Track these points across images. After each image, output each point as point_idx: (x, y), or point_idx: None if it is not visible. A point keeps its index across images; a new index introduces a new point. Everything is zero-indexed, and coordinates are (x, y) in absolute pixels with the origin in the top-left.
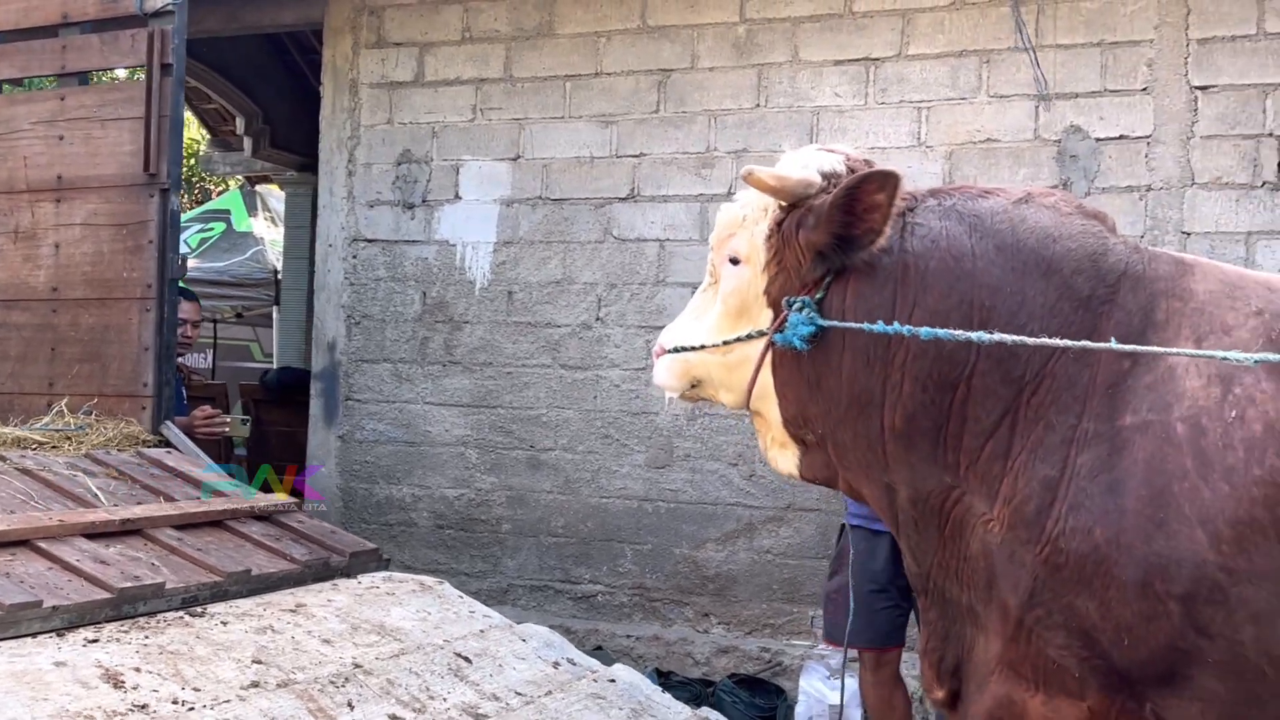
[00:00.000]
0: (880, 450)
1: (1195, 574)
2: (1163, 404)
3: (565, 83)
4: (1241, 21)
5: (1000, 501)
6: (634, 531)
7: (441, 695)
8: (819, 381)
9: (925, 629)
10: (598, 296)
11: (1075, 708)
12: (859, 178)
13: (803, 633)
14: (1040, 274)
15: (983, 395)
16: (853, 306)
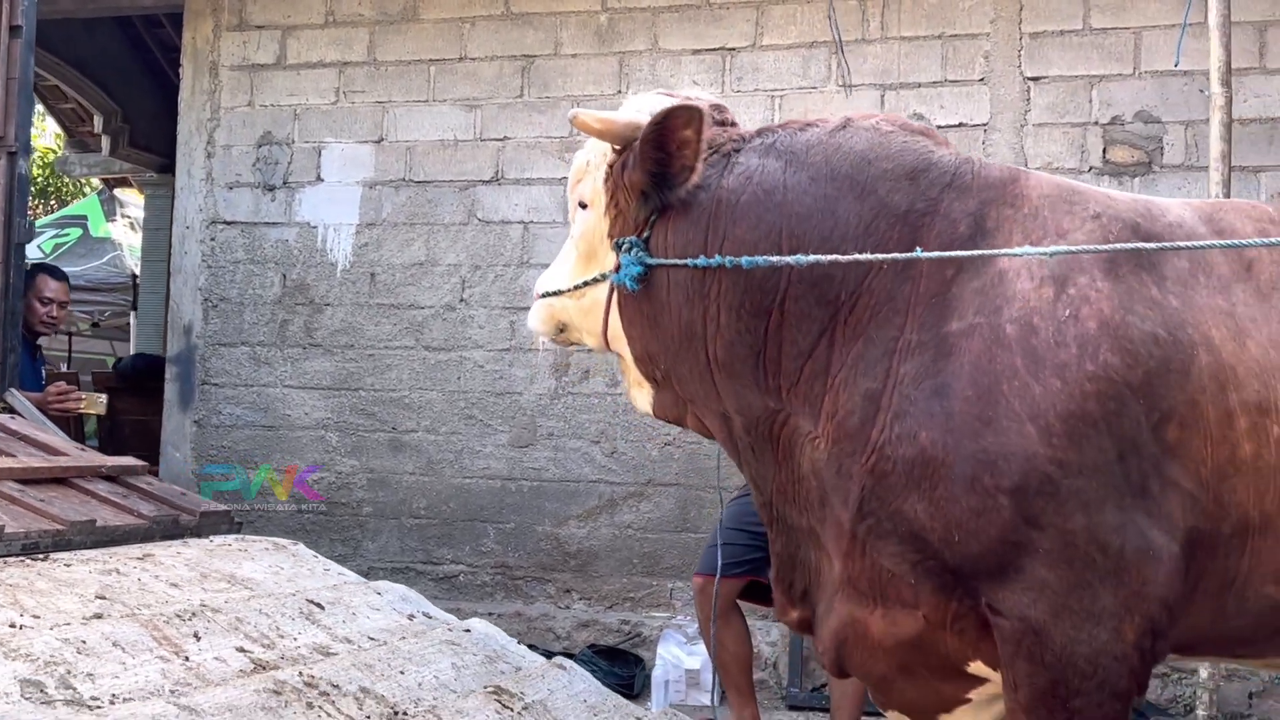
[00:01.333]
0: (710, 381)
1: (1025, 468)
2: (992, 307)
3: (430, 67)
4: (1070, 17)
5: (824, 418)
6: (497, 511)
7: (292, 635)
8: (655, 319)
9: (775, 557)
10: (462, 278)
11: (911, 617)
12: (663, 113)
13: (662, 605)
14: (854, 196)
15: (797, 319)
16: (673, 244)
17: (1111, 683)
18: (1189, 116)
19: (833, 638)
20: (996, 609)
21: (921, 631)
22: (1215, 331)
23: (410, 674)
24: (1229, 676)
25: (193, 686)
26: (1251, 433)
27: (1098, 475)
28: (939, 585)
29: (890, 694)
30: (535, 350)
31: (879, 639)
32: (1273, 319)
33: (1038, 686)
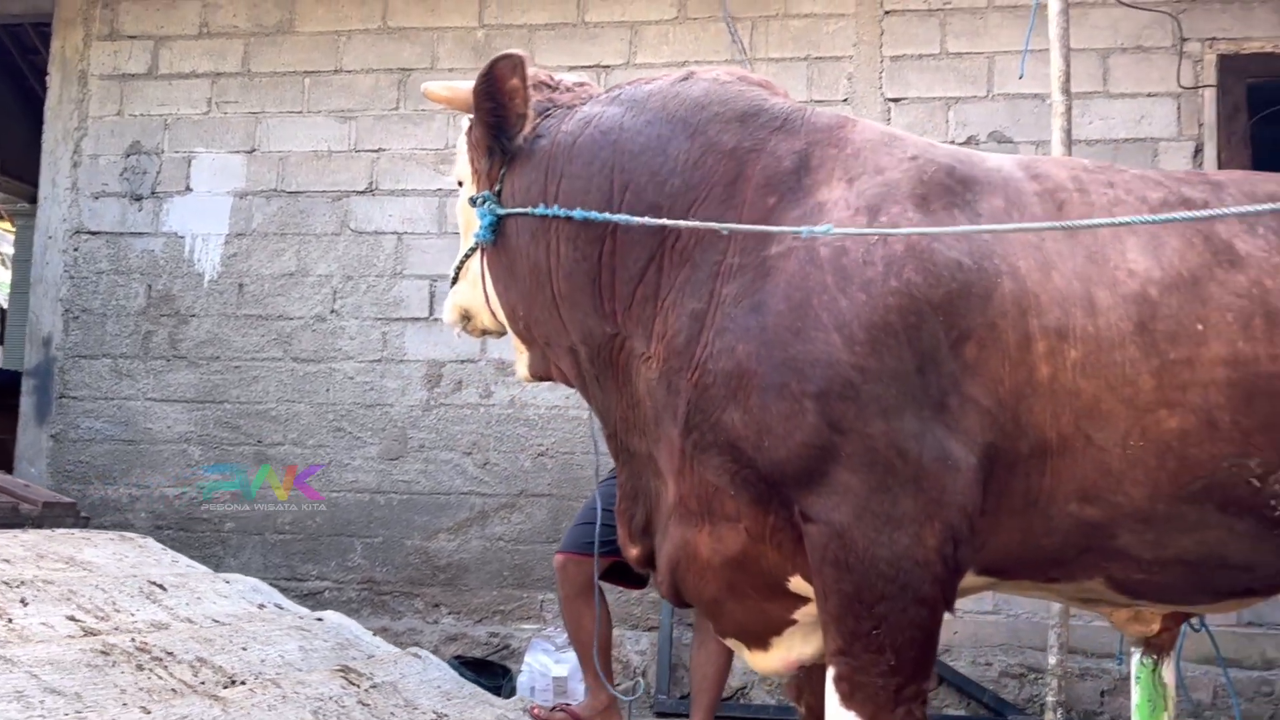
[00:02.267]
0: (558, 316)
1: (829, 373)
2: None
3: (305, 78)
4: (928, 42)
5: (655, 339)
6: (365, 525)
7: (129, 611)
8: (512, 267)
9: (619, 490)
10: (333, 289)
11: (734, 531)
12: (488, 64)
13: (532, 617)
14: (686, 136)
15: (628, 245)
16: (517, 189)
17: (914, 587)
18: (1039, 137)
19: (668, 563)
20: (806, 515)
21: (745, 546)
22: (1022, 262)
23: (253, 651)
24: (1082, 675)
25: (12, 644)
26: (1049, 356)
27: (897, 383)
28: (756, 496)
29: (722, 618)
30: (406, 361)
31: (708, 558)
32: (1078, 254)
33: (844, 592)
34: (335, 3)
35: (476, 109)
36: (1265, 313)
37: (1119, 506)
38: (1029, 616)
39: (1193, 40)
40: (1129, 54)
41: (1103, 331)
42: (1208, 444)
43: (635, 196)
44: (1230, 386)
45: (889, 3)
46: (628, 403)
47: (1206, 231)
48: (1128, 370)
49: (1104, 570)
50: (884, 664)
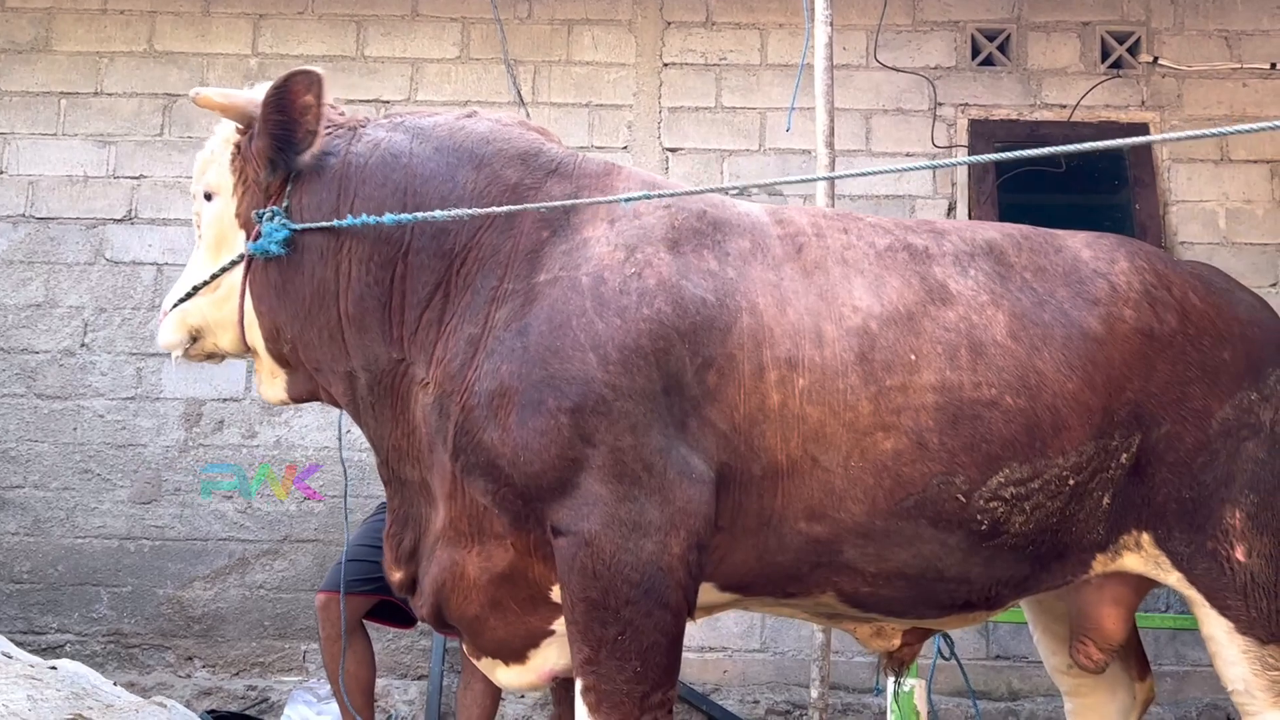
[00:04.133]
0: (340, 339)
1: (584, 390)
2: (574, 264)
3: (60, 100)
4: (704, 95)
5: (434, 364)
6: (112, 573)
7: None
8: (285, 286)
9: (389, 515)
10: (84, 321)
11: (502, 548)
12: (283, 78)
13: (294, 669)
14: (473, 166)
15: (418, 269)
16: (307, 205)
17: (660, 592)
18: (806, 190)
19: (432, 584)
20: (556, 528)
21: (512, 561)
22: (761, 299)
23: None
24: (844, 710)
25: None
26: (780, 384)
27: (646, 401)
28: (517, 513)
29: (483, 636)
30: (163, 399)
31: (474, 577)
32: (811, 292)
33: (591, 599)
34: (97, 23)
35: (264, 120)
36: (970, 344)
37: (842, 523)
38: (794, 654)
39: (946, 105)
40: (889, 115)
41: (828, 362)
42: (919, 463)
43: (426, 220)
44: (938, 410)
45: (668, 55)
46: (403, 430)
47: (924, 273)
48: (849, 397)
49: (834, 585)
50: (630, 670)
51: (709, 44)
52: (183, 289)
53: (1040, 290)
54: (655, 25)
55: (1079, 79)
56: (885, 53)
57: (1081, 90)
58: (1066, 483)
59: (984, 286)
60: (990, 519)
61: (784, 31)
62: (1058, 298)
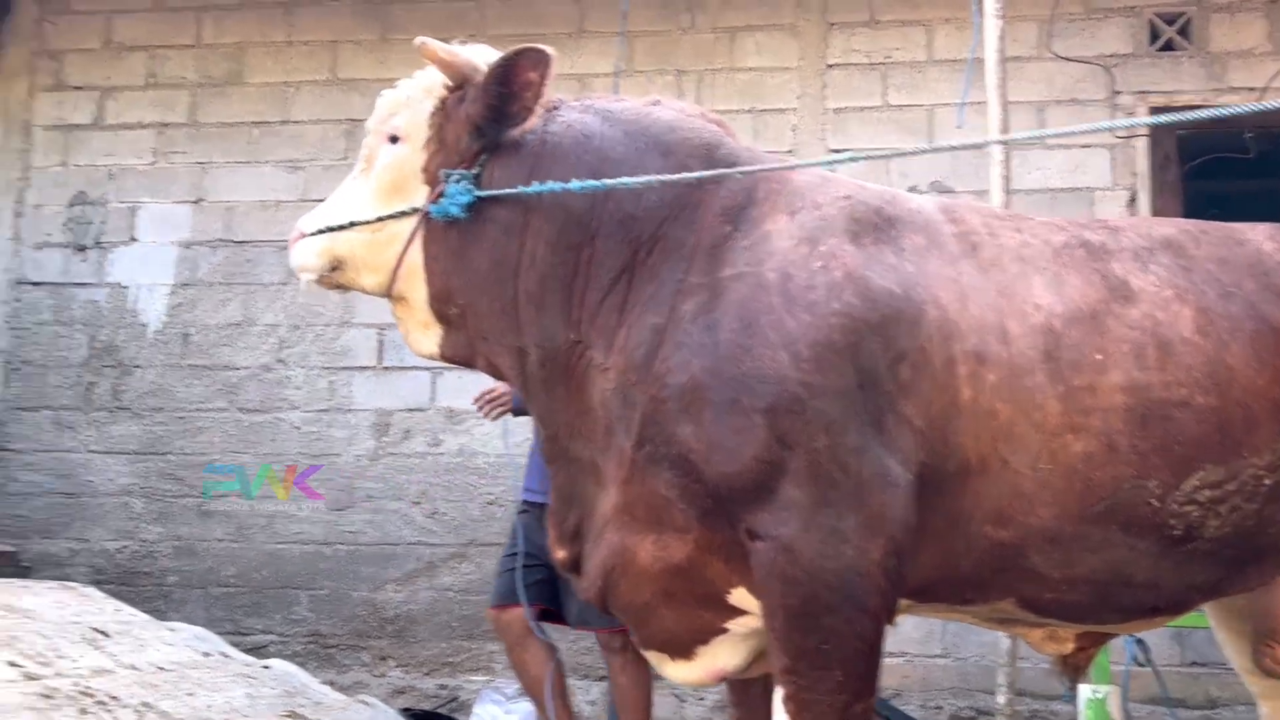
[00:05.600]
0: (514, 315)
1: (778, 389)
2: (757, 259)
3: (253, 129)
4: (869, 95)
5: (616, 350)
6: (311, 577)
7: (71, 657)
8: (464, 253)
9: (553, 493)
10: (280, 338)
11: (682, 541)
12: (515, 52)
13: (482, 669)
14: (659, 154)
15: (604, 255)
16: (499, 180)
17: (860, 600)
18: (978, 186)
19: (600, 568)
20: (752, 531)
21: (690, 556)
22: (942, 294)
23: (200, 697)
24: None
25: None
26: (971, 379)
27: (840, 400)
28: (705, 510)
29: (651, 627)
30: (354, 410)
31: (647, 565)
32: (990, 289)
33: (790, 606)
34: (283, 55)
35: (484, 88)
36: (1157, 342)
37: (1030, 527)
38: (977, 659)
39: (1125, 93)
40: (1064, 106)
41: (1015, 359)
42: (1109, 466)
43: (616, 204)
44: (1128, 412)
45: (831, 57)
46: (576, 410)
47: (1103, 270)
48: (1037, 396)
49: (1015, 591)
50: (831, 680)
51: (873, 43)
52: (335, 218)
53: (1226, 281)
54: (818, 27)
55: (1267, 60)
56: (1058, 42)
57: (1270, 72)
58: (1262, 483)
59: (1167, 281)
60: (1184, 523)
61: (950, 26)
62: (1245, 290)
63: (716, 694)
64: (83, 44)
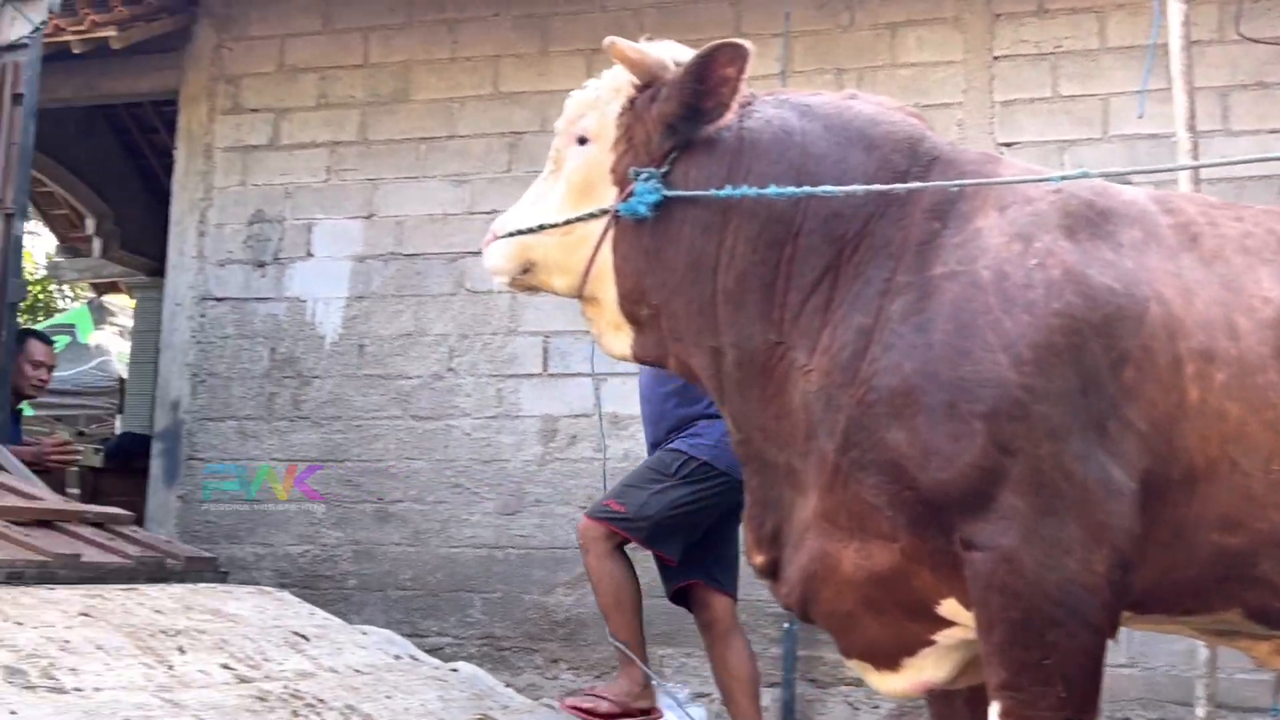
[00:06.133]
0: (711, 314)
1: (998, 393)
2: (969, 258)
3: (420, 144)
4: (1039, 86)
5: (819, 352)
6: (484, 580)
7: (277, 660)
8: (658, 252)
9: (748, 496)
10: (449, 347)
11: (888, 550)
12: (712, 48)
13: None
14: (863, 148)
15: (807, 253)
16: (694, 179)
17: (1084, 613)
18: (1157, 178)
19: (801, 574)
20: (969, 542)
21: (895, 565)
22: (1164, 289)
23: (397, 700)
24: None
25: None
26: (1198, 378)
27: (1063, 404)
28: (915, 518)
29: (853, 635)
30: (522, 417)
31: (850, 573)
32: (1214, 283)
33: (1012, 619)
34: (447, 71)
35: (678, 86)
36: None
37: (1260, 533)
38: (1167, 669)
39: None
40: (1249, 90)
41: (1244, 355)
42: None
43: (821, 201)
44: None
45: (998, 48)
46: (773, 413)
47: None
48: (1270, 394)
49: (1242, 600)
50: (1053, 696)
51: (1042, 32)
52: (525, 221)
53: None
54: (983, 19)
55: None
56: (1244, 23)
57: None
58: None
59: None
60: None
61: (1123, 13)
62: None
63: (891, 702)
64: (258, 68)
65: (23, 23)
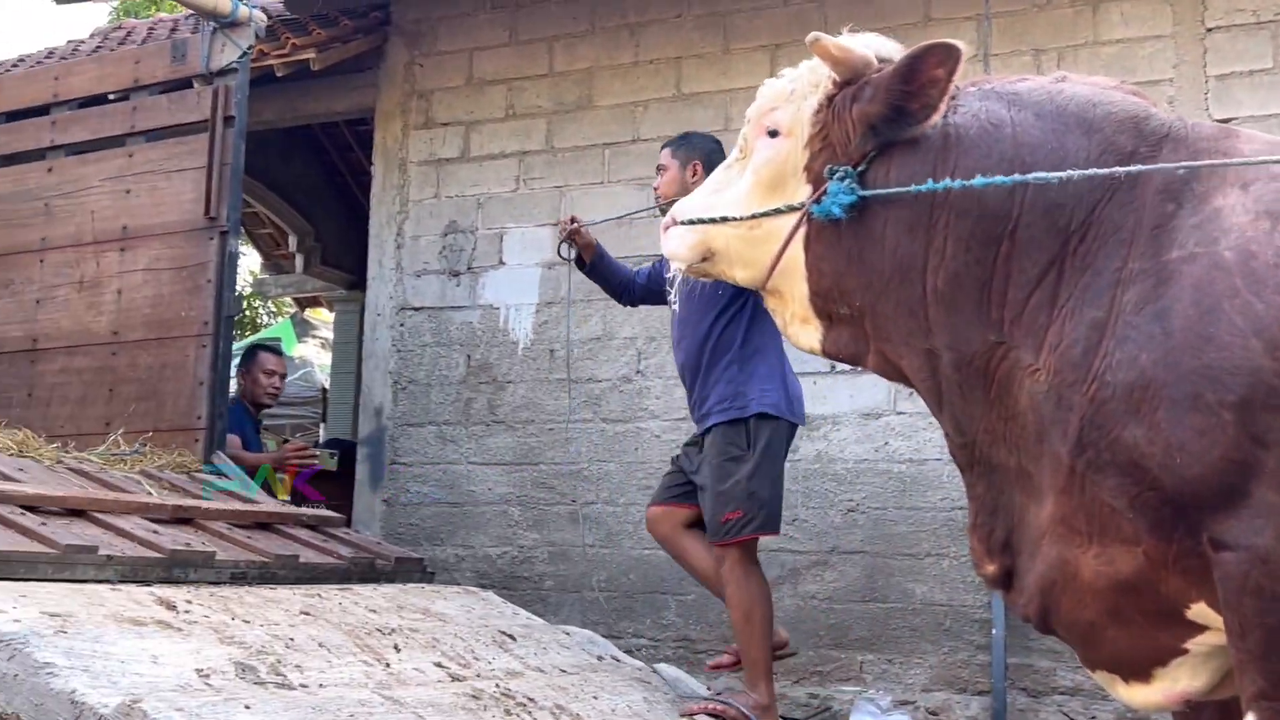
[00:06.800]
0: (922, 316)
1: (1251, 381)
2: (1209, 239)
3: (604, 150)
4: (1258, 57)
5: (1047, 350)
6: (677, 582)
7: (486, 659)
8: (859, 254)
9: (973, 503)
10: (637, 350)
11: (1130, 555)
12: (923, 48)
13: (852, 678)
14: (1081, 132)
15: (1026, 247)
16: (895, 177)
17: None
18: None
19: (1039, 584)
20: (1219, 542)
21: (1140, 570)
22: None
23: (603, 700)
24: None
25: (395, 687)
26: None
27: None
28: (1159, 519)
29: (1099, 647)
30: None
31: (1091, 580)
32: None
33: (1270, 625)
34: (630, 75)
35: (885, 87)
36: None
37: None
38: None
39: None
40: None
41: None
42: None
43: (1038, 192)
44: None
45: (1211, 19)
46: (999, 415)
47: None
48: None
49: None
50: None
51: (1262, 0)
52: (708, 210)
53: None
54: None
55: None
56: None
57: None
58: None
59: None
60: None
61: None
62: None
63: (1110, 712)
64: (448, 82)
65: (232, 48)
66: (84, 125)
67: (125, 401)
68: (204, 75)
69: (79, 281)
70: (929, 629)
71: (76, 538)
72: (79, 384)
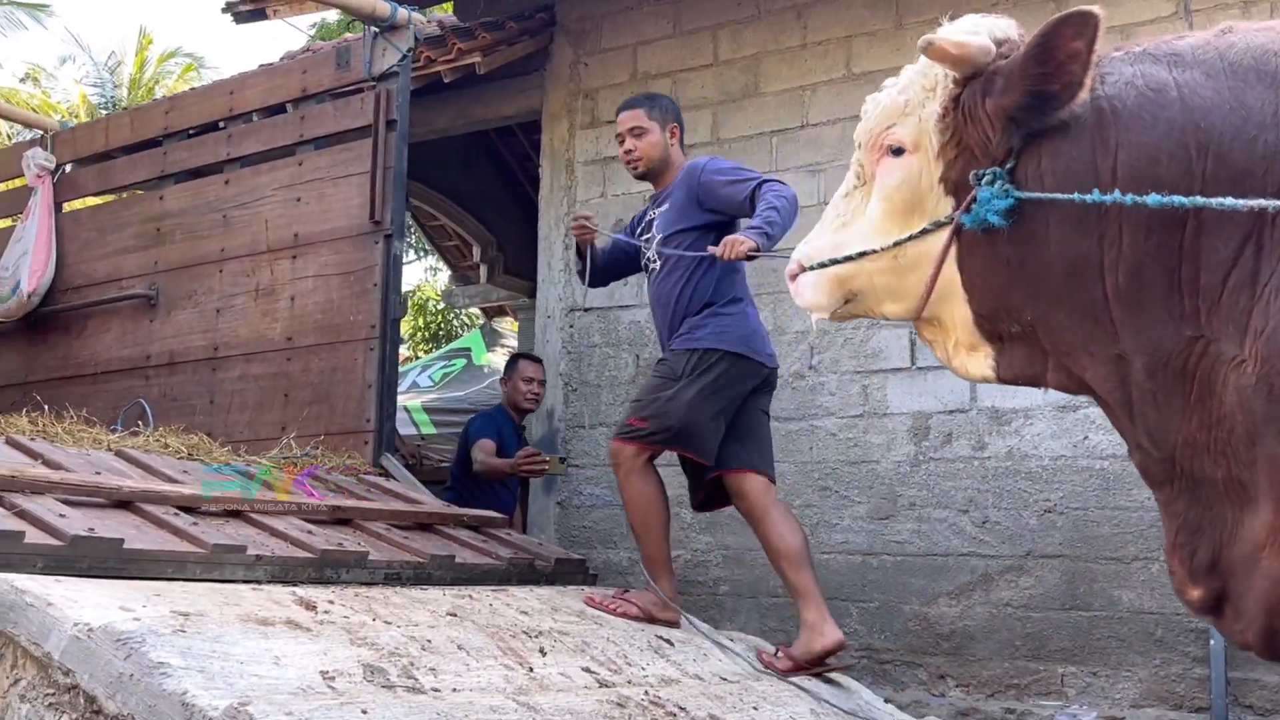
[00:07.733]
0: (1106, 320)
1: None
2: None
3: (772, 137)
4: None
5: (1251, 335)
6: (858, 588)
7: (640, 665)
8: (1022, 261)
9: (1171, 522)
10: (809, 345)
11: None
12: (1054, 22)
13: (1052, 692)
14: (1264, 86)
15: (1216, 224)
16: (1049, 169)
17: None
18: None
19: (1262, 604)
20: None
21: None
22: None
23: (764, 711)
24: None
25: (534, 692)
26: None
27: None
28: None
29: None
30: (890, 415)
31: None
32: None
33: None
34: (797, 58)
35: (1019, 73)
36: None
37: None
38: None
39: None
40: None
41: None
42: None
43: (1218, 160)
44: None
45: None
46: (1200, 420)
47: None
48: None
49: None
50: None
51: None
52: (839, 248)
53: None
54: None
55: None
56: None
57: None
58: None
59: None
60: None
61: None
62: None
63: None
64: (612, 80)
65: (393, 52)
66: (257, 137)
67: (299, 406)
68: (367, 80)
69: (255, 290)
70: (1138, 639)
71: (227, 538)
72: (256, 390)
